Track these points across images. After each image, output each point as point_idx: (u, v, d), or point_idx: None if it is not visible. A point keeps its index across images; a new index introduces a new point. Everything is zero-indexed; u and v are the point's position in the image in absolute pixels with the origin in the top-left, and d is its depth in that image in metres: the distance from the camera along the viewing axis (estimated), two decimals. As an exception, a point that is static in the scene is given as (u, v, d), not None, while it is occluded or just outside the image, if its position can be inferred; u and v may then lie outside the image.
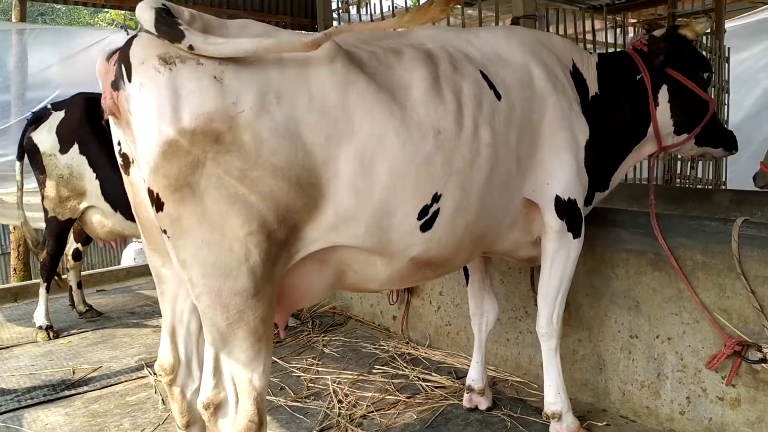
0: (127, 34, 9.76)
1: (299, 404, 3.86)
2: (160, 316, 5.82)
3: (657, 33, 3.35)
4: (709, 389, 3.14)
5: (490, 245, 3.03)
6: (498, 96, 2.73)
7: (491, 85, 2.73)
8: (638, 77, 3.27)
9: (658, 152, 3.41)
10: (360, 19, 7.92)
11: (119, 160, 2.37)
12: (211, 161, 2.04)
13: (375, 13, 8.05)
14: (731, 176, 8.84)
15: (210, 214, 2.07)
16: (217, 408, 2.34)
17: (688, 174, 8.43)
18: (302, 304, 2.71)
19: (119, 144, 2.34)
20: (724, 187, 8.75)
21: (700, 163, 8.74)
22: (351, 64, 2.33)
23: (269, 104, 2.12)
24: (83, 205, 5.20)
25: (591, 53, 3.42)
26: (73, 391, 4.20)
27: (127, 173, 2.35)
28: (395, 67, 2.51)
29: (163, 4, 2.09)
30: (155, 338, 5.29)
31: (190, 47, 2.03)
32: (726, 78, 8.92)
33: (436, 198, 2.48)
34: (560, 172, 2.94)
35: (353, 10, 8.82)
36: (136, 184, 2.29)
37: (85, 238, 5.88)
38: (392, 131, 2.34)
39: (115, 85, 2.13)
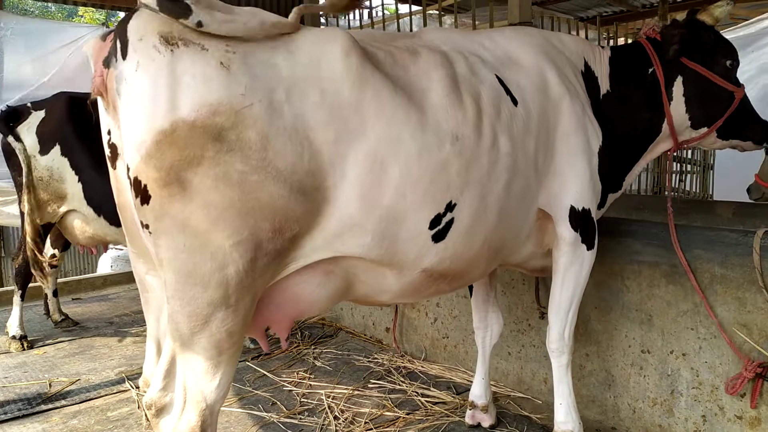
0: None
1: (293, 420, 3.67)
2: (140, 326, 5.68)
3: (679, 18, 3.17)
4: (727, 407, 3.01)
5: (507, 257, 2.88)
6: (515, 101, 2.60)
7: (507, 90, 2.60)
8: (650, 70, 3.10)
9: (675, 149, 3.24)
10: (348, 26, 7.77)
11: (107, 150, 2.18)
12: (209, 160, 1.86)
13: (355, 19, 7.93)
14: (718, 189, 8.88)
15: (197, 218, 1.89)
16: (159, 410, 2.21)
17: (676, 186, 8.41)
18: (306, 315, 2.55)
19: (109, 133, 2.14)
20: (710, 199, 8.76)
21: (689, 175, 8.75)
22: (367, 61, 2.18)
23: (278, 99, 1.95)
24: (64, 208, 4.96)
25: (603, 47, 3.25)
26: (50, 405, 3.95)
27: (114, 166, 2.16)
28: (411, 68, 2.38)
29: None
30: (135, 350, 5.06)
31: (199, 24, 1.85)
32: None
33: (450, 207, 2.33)
34: (574, 181, 2.81)
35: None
36: (123, 180, 2.10)
37: (63, 244, 5.62)
38: (408, 134, 2.20)
39: (107, 62, 1.95)
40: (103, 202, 4.84)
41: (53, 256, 5.63)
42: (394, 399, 3.92)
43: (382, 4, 8.32)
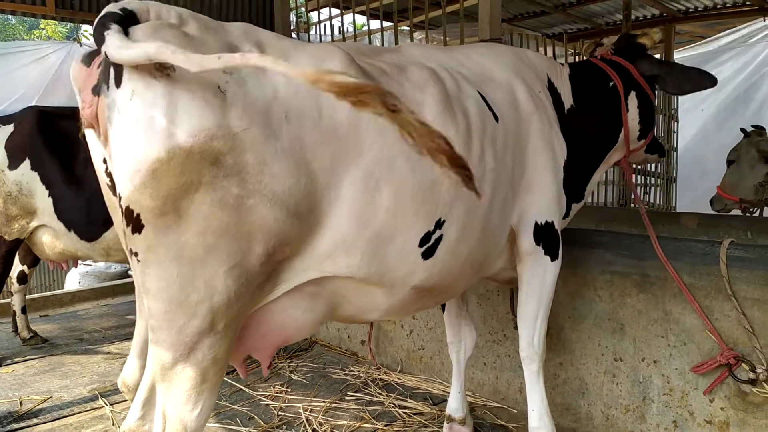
0: (80, 45, 9.46)
1: (271, 435, 3.66)
2: (112, 342, 5.61)
3: (606, 41, 3.44)
4: (697, 413, 3.11)
5: (485, 271, 2.94)
6: (496, 117, 2.65)
7: (489, 107, 2.65)
8: (611, 84, 3.25)
9: (625, 158, 3.38)
10: (320, 39, 7.84)
11: (105, 179, 2.13)
12: (206, 186, 1.79)
13: (326, 34, 7.99)
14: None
15: (192, 246, 1.83)
16: None
17: (641, 199, 8.62)
18: (293, 340, 2.49)
19: (105, 161, 2.09)
20: (674, 210, 9.00)
21: (652, 188, 8.98)
22: (364, 78, 2.16)
23: (276, 121, 1.90)
24: (33, 224, 4.85)
25: (563, 65, 3.37)
26: (21, 424, 3.87)
27: (116, 194, 2.03)
28: (405, 84, 2.37)
29: (122, 9, 1.84)
30: (108, 366, 4.99)
31: (107, 55, 1.74)
32: (675, 107, 9.23)
33: (439, 224, 2.35)
34: (541, 196, 2.88)
35: (312, 31, 8.73)
36: (122, 202, 2.07)
37: (32, 260, 5.52)
38: (402, 154, 2.18)
39: (97, 90, 1.89)
40: (73, 217, 4.77)
41: (22, 272, 5.54)
42: (371, 411, 3.94)
43: (354, 20, 8.43)
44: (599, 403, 3.52)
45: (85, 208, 4.73)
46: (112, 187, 2.06)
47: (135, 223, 1.83)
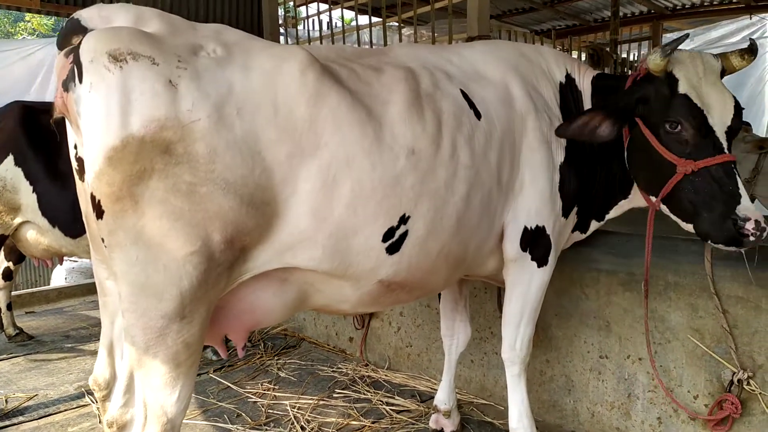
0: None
1: (258, 431, 3.66)
2: (98, 339, 5.52)
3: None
4: (680, 409, 3.14)
5: (472, 269, 2.93)
6: (478, 115, 2.65)
7: (471, 104, 2.65)
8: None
9: (658, 201, 2.74)
10: (309, 37, 7.80)
11: (74, 164, 2.22)
12: (158, 173, 1.92)
13: (314, 30, 7.96)
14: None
15: (149, 231, 1.94)
16: (121, 428, 2.24)
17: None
18: (264, 324, 2.58)
19: (75, 147, 2.18)
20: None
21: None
22: (324, 77, 2.23)
23: (229, 114, 2.00)
24: (17, 220, 4.81)
25: (588, 67, 3.15)
26: (7, 422, 3.85)
27: (82, 179, 2.18)
28: (374, 84, 2.43)
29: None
30: (94, 363, 4.93)
31: None
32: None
33: (403, 219, 2.37)
34: (534, 198, 2.81)
35: (301, 26, 8.69)
36: (88, 190, 2.13)
37: (17, 257, 5.46)
38: (362, 151, 2.25)
39: (66, 86, 2.01)
40: (58, 213, 4.74)
41: (7, 269, 5.49)
42: (359, 408, 3.95)
43: (342, 15, 8.38)
44: (585, 399, 3.55)
45: (69, 205, 4.68)
46: (79, 172, 2.18)
47: (98, 210, 1.97)
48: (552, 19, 10.01)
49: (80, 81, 1.93)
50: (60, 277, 8.26)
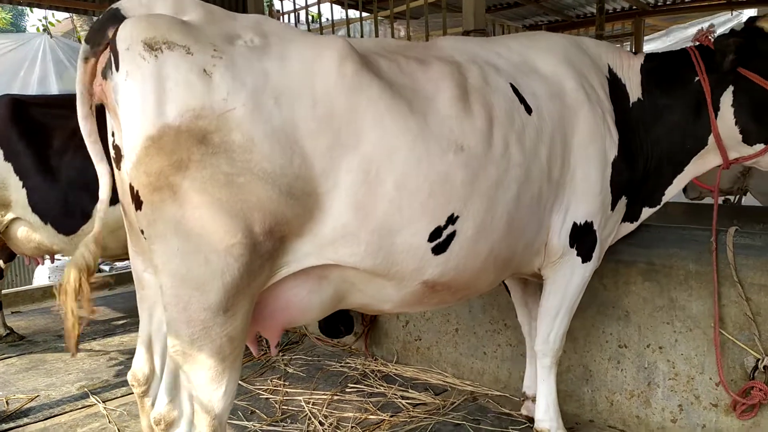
0: (51, 37, 9.18)
1: (276, 428, 3.62)
2: (93, 339, 5.47)
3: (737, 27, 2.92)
4: (703, 396, 3.19)
5: (519, 268, 2.89)
6: (528, 110, 2.61)
7: (521, 99, 2.61)
8: (696, 79, 2.90)
9: (726, 165, 2.98)
10: (308, 30, 7.73)
11: (112, 152, 2.20)
12: (196, 163, 1.90)
13: (300, 23, 7.90)
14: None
15: (189, 221, 1.92)
16: (168, 425, 2.22)
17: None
18: (299, 323, 2.54)
19: (113, 135, 2.17)
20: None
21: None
22: (364, 69, 2.20)
23: (265, 104, 1.98)
24: (8, 217, 4.68)
25: (635, 54, 3.16)
26: (11, 424, 3.75)
27: (119, 167, 2.17)
28: (419, 77, 2.38)
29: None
30: (93, 363, 4.85)
31: None
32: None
33: (452, 219, 2.33)
34: (585, 193, 2.79)
35: (286, 20, 8.61)
36: (126, 179, 2.11)
37: (7, 255, 5.31)
38: (405, 144, 2.20)
39: (104, 74, 2.02)
40: (50, 209, 4.62)
41: (-1, 268, 5.33)
42: (374, 402, 3.93)
43: (319, 11, 8.32)
44: (603, 389, 3.58)
45: (61, 200, 4.58)
46: (116, 160, 2.17)
47: (136, 201, 1.96)
48: (536, 14, 10.06)
49: (117, 69, 1.92)
50: (43, 276, 8.06)
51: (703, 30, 3.01)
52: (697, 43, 3.01)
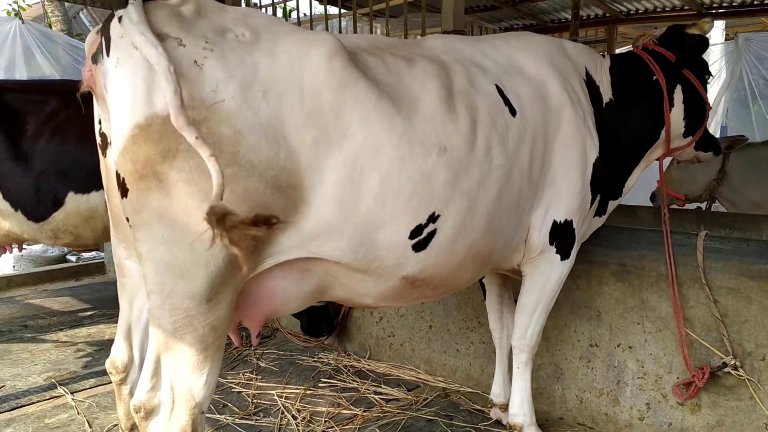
0: (23, 22, 8.97)
1: (248, 422, 3.61)
2: (60, 330, 5.38)
3: (657, 33, 3.31)
4: (670, 395, 3.27)
5: (498, 264, 2.94)
6: (513, 112, 2.65)
7: (506, 101, 2.64)
8: (654, 78, 3.18)
9: (664, 156, 3.36)
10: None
11: (98, 139, 2.21)
12: (183, 153, 1.90)
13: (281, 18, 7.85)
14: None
15: (175, 210, 1.93)
16: (148, 413, 2.21)
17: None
18: (281, 313, 2.57)
19: (100, 122, 2.19)
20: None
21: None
22: (352, 66, 2.21)
23: (254, 97, 2.00)
24: (-24, 204, 4.57)
25: (604, 56, 3.31)
26: (-23, 415, 3.67)
27: (105, 154, 2.20)
28: (405, 76, 2.40)
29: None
30: (60, 354, 4.77)
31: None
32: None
33: (433, 218, 2.36)
34: (565, 193, 2.85)
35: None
36: (111, 167, 2.12)
37: (-26, 243, 5.18)
38: (390, 143, 2.23)
39: (95, 58, 2.02)
40: (20, 196, 4.51)
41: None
42: (347, 397, 3.94)
43: (285, 7, 8.25)
44: (573, 387, 3.65)
45: (33, 187, 4.48)
46: (102, 147, 2.19)
47: (122, 188, 1.97)
48: (512, 17, 10.16)
49: (108, 55, 1.93)
50: (7, 265, 7.87)
51: (648, 35, 3.35)
52: (642, 47, 3.32)
